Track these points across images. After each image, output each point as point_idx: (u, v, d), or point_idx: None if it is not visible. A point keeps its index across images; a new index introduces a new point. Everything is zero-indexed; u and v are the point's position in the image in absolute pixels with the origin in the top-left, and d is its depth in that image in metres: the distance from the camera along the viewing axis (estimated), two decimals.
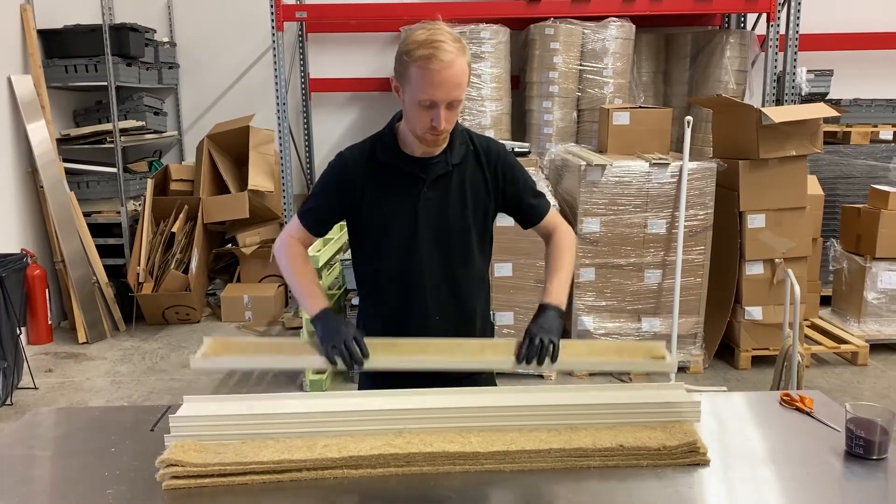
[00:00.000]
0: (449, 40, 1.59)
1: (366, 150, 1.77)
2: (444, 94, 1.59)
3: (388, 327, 1.82)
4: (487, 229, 1.84)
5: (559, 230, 1.86)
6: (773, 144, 4.10)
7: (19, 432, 1.72)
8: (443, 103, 1.60)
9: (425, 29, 1.62)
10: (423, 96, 1.59)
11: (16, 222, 4.90)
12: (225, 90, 6.17)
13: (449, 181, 1.75)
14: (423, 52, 1.57)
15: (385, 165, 1.74)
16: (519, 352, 1.62)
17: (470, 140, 1.79)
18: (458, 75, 1.59)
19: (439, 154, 1.73)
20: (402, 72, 1.63)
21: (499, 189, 1.79)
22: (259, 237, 5.54)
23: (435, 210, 1.74)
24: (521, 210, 1.85)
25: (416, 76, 1.59)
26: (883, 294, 4.54)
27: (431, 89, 1.58)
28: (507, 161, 1.81)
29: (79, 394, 4.13)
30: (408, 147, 1.74)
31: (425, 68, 1.57)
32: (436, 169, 1.73)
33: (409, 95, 1.62)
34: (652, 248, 4.16)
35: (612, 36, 5.08)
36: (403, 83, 1.64)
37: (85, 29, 5.23)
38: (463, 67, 1.61)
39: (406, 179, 1.73)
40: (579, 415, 1.57)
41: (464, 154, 1.76)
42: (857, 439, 1.50)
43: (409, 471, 1.44)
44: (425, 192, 1.73)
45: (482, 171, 1.78)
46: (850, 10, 5.83)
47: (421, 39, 1.59)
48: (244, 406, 1.55)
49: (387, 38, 6.03)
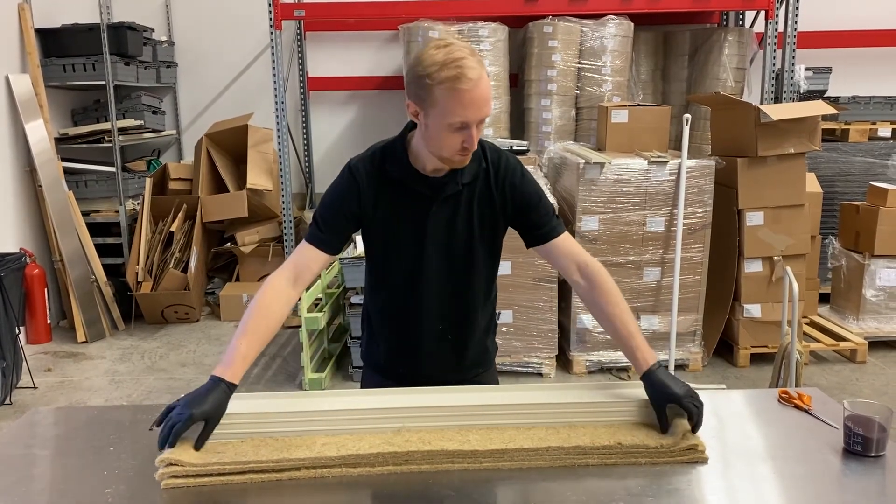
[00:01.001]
0: (468, 55, 1.52)
1: (376, 162, 1.72)
2: (476, 113, 1.53)
3: (391, 331, 1.85)
4: (496, 246, 1.81)
5: (600, 272, 1.72)
6: (771, 142, 4.10)
7: (18, 431, 1.71)
8: (475, 122, 1.54)
9: (440, 48, 1.54)
10: (455, 119, 1.52)
11: (14, 222, 4.90)
12: (223, 89, 6.17)
13: (458, 200, 1.71)
14: (447, 73, 1.50)
15: (394, 180, 1.70)
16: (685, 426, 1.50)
17: (482, 155, 1.73)
18: (486, 91, 1.53)
19: (449, 173, 1.68)
20: (423, 96, 1.54)
21: (507, 206, 1.74)
22: (258, 236, 5.54)
23: (443, 228, 1.71)
24: (528, 228, 1.77)
25: (444, 99, 1.51)
26: (881, 291, 4.55)
27: (463, 110, 1.51)
28: (516, 176, 1.74)
29: (78, 393, 4.13)
30: (419, 163, 1.68)
31: (455, 89, 1.50)
32: (445, 188, 1.69)
33: (437, 119, 1.54)
34: (651, 246, 4.16)
35: (611, 34, 5.08)
36: (427, 107, 1.55)
37: (83, 28, 5.23)
38: (488, 82, 1.54)
39: (415, 197, 1.70)
40: (577, 412, 1.57)
41: (475, 172, 1.71)
42: (855, 436, 1.51)
43: (407, 469, 1.44)
44: (434, 211, 1.70)
45: (491, 188, 1.73)
46: (849, 8, 5.83)
47: (441, 60, 1.51)
48: (243, 405, 1.55)
49: (385, 36, 6.02)
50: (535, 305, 4.15)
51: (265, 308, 1.61)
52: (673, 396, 1.51)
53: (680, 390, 1.52)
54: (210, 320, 5.40)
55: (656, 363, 1.57)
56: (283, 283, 1.65)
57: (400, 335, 1.83)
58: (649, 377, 1.56)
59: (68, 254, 4.95)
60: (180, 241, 5.33)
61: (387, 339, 1.86)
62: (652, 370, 1.56)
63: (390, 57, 6.04)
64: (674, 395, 1.51)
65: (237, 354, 1.52)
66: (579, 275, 1.74)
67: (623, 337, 1.64)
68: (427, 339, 1.81)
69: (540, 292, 4.13)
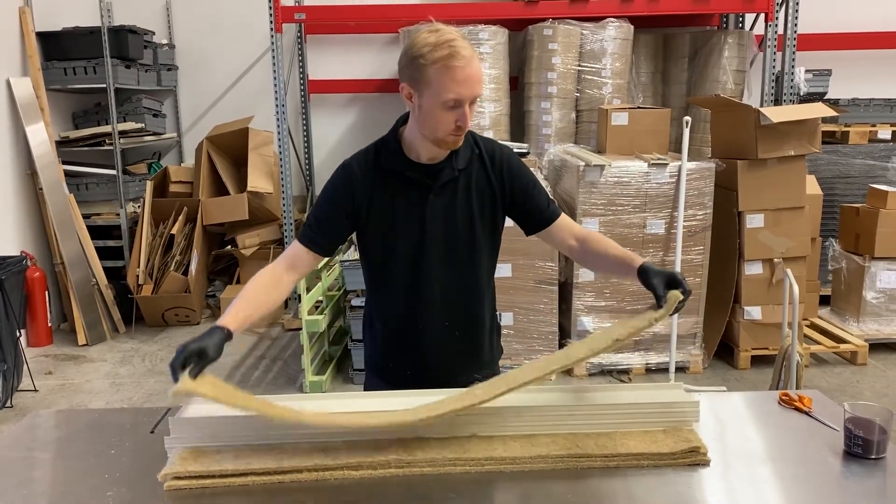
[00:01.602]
0: (459, 37, 1.58)
1: (370, 158, 1.74)
2: (469, 90, 1.58)
3: (395, 332, 1.84)
4: (496, 233, 1.82)
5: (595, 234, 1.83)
6: (771, 144, 4.10)
7: (19, 434, 1.72)
8: (468, 100, 1.59)
9: (431, 32, 1.59)
10: (450, 96, 1.57)
11: (15, 224, 4.90)
12: (224, 92, 6.18)
13: (455, 186, 1.73)
14: (440, 52, 1.55)
15: (390, 173, 1.72)
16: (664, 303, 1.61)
17: (475, 143, 1.77)
18: (478, 70, 1.60)
19: (445, 160, 1.71)
20: (417, 77, 1.59)
21: (505, 192, 1.77)
22: (258, 238, 5.54)
23: (442, 216, 1.73)
24: (529, 213, 1.81)
25: (437, 77, 1.56)
26: (882, 293, 4.55)
27: (457, 87, 1.56)
28: (512, 163, 1.79)
29: (78, 396, 4.13)
30: (413, 153, 1.72)
31: (448, 66, 1.55)
32: (442, 175, 1.71)
33: (430, 99, 1.59)
34: (651, 248, 4.17)
35: (611, 36, 5.08)
36: (421, 88, 1.60)
37: (84, 31, 5.24)
38: (479, 64, 1.60)
39: (412, 186, 1.72)
40: (579, 415, 1.57)
41: (469, 158, 1.74)
42: (855, 439, 1.51)
43: (409, 471, 1.45)
44: (432, 199, 1.72)
45: (487, 174, 1.76)
46: (848, 10, 5.84)
47: (433, 41, 1.57)
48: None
49: (385, 39, 6.03)
50: (536, 308, 4.16)
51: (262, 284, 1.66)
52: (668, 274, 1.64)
53: (670, 270, 1.67)
54: (211, 323, 5.32)
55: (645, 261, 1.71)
56: (278, 269, 1.71)
57: (403, 335, 1.82)
58: (643, 269, 1.67)
59: (69, 257, 4.96)
60: (181, 244, 5.33)
61: (390, 341, 1.86)
62: (644, 265, 1.68)
63: (390, 60, 6.05)
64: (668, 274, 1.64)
65: (236, 308, 1.58)
66: (574, 239, 1.83)
67: (615, 257, 1.75)
68: (432, 337, 1.80)
69: (540, 294, 4.14)
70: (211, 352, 1.45)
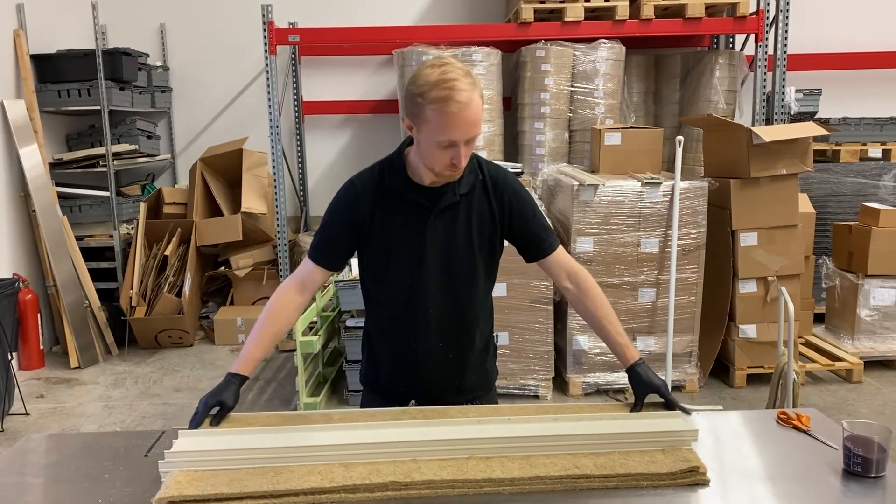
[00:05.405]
0: (461, 76, 1.57)
1: (374, 177, 1.76)
2: (463, 133, 1.58)
3: (391, 350, 1.84)
4: (494, 258, 1.84)
5: (587, 279, 1.84)
6: (764, 163, 4.13)
7: (11, 459, 1.69)
8: (462, 142, 1.59)
9: (435, 67, 1.59)
10: (442, 138, 1.58)
11: (8, 247, 4.88)
12: (218, 113, 6.19)
13: (456, 211, 1.75)
14: (437, 93, 1.55)
15: (393, 193, 1.74)
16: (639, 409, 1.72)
17: (479, 168, 1.78)
18: (475, 113, 1.59)
19: (447, 184, 1.72)
20: (416, 113, 1.61)
21: (505, 219, 1.79)
22: (252, 259, 5.53)
23: (441, 239, 1.74)
24: (528, 242, 1.83)
25: (433, 118, 1.57)
26: (876, 311, 4.56)
27: (451, 130, 1.57)
28: (515, 191, 1.80)
29: (71, 419, 4.09)
30: (416, 175, 1.73)
31: (443, 111, 1.55)
32: (443, 199, 1.73)
33: (427, 136, 1.61)
34: (645, 267, 4.17)
35: (603, 57, 5.13)
36: (419, 124, 1.62)
37: (78, 54, 5.25)
38: (478, 103, 1.59)
39: (413, 208, 1.73)
40: (578, 445, 1.55)
41: (472, 183, 1.76)
42: (854, 457, 1.50)
43: (406, 494, 1.43)
44: (432, 221, 1.73)
45: (489, 200, 1.77)
46: (837, 31, 5.91)
47: (434, 80, 1.56)
48: (238, 440, 1.53)
49: (379, 60, 6.07)
50: (532, 327, 4.15)
51: (273, 315, 1.77)
52: (654, 387, 1.71)
53: (658, 382, 1.73)
54: (204, 344, 5.37)
55: (640, 359, 1.77)
56: (291, 291, 1.79)
57: (399, 352, 1.83)
58: (634, 370, 1.74)
59: (62, 279, 4.93)
60: (174, 266, 5.31)
61: (386, 358, 1.86)
62: (637, 364, 1.75)
63: (384, 81, 6.08)
64: (654, 386, 1.72)
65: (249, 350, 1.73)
66: (569, 281, 1.85)
67: (612, 336, 1.81)
68: (427, 356, 1.80)
69: (536, 314, 4.13)
70: (230, 402, 1.65)
